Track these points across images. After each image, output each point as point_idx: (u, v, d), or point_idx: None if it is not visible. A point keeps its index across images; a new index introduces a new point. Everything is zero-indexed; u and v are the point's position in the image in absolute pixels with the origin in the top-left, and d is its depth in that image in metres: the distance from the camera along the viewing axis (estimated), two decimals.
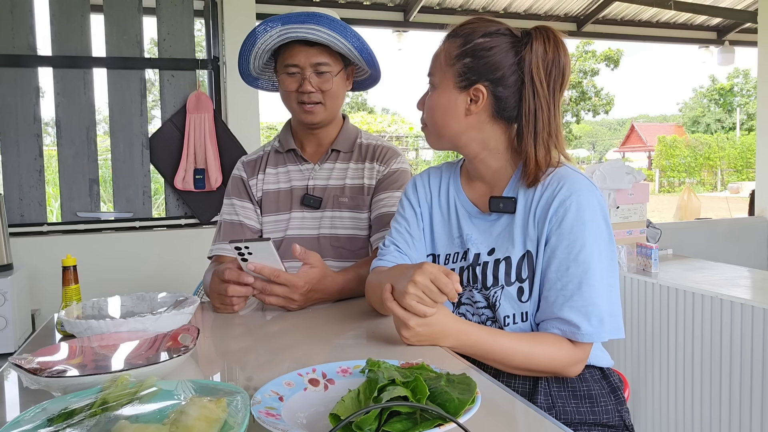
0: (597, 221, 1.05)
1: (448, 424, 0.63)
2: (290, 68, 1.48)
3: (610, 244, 1.07)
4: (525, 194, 1.11)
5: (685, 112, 36.94)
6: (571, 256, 1.04)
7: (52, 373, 0.79)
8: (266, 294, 1.28)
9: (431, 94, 1.15)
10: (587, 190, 1.06)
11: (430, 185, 1.26)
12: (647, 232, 2.69)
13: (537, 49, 1.06)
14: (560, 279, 1.04)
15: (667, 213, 11.31)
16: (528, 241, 1.09)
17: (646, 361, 2.41)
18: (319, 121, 1.54)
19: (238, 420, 0.63)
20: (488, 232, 1.15)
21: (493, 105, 1.10)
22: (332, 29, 1.43)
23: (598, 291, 1.03)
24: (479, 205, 1.18)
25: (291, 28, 1.43)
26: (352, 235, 1.56)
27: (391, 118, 20.88)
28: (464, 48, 1.09)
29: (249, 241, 1.24)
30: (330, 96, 1.51)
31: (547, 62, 1.06)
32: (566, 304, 1.03)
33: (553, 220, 1.06)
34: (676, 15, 5.23)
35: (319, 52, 1.47)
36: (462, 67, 1.09)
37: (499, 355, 1.03)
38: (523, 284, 1.08)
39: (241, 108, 3.26)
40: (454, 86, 1.11)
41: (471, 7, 4.75)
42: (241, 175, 1.64)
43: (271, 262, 1.26)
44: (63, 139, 3.06)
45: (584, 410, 1.09)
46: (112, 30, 3.09)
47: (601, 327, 1.02)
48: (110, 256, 3.01)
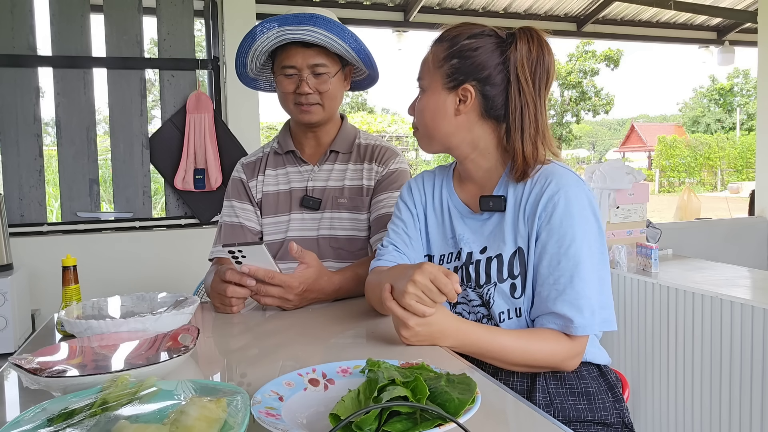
0: (586, 215, 1.06)
1: (448, 424, 0.63)
2: (287, 70, 1.47)
3: (600, 237, 1.08)
4: (514, 192, 1.12)
5: (685, 112, 36.95)
6: (561, 250, 1.05)
7: (52, 373, 0.79)
8: (261, 295, 1.29)
9: (421, 97, 1.17)
10: (575, 184, 1.08)
11: (425, 188, 1.28)
12: (647, 232, 2.69)
13: (521, 48, 1.08)
14: (552, 274, 1.05)
15: (667, 213, 11.31)
16: (519, 237, 1.10)
17: (646, 361, 2.41)
18: (317, 121, 1.54)
19: (238, 420, 0.63)
20: (480, 231, 1.16)
21: (481, 104, 1.12)
22: (329, 30, 1.42)
23: (589, 284, 1.04)
24: (471, 205, 1.20)
25: (288, 29, 1.42)
26: (352, 236, 1.56)
27: (391, 118, 20.89)
28: (451, 50, 1.12)
29: (242, 245, 1.24)
30: (328, 97, 1.51)
31: (531, 61, 1.09)
32: (559, 298, 1.04)
33: (542, 216, 1.07)
34: (676, 15, 5.23)
35: (316, 54, 1.46)
36: (449, 68, 1.12)
37: (498, 353, 1.04)
38: (515, 281, 1.10)
39: (241, 108, 3.26)
40: (442, 87, 1.13)
41: (471, 7, 4.74)
42: (241, 176, 1.64)
43: (265, 265, 1.27)
44: (63, 139, 3.06)
45: (582, 407, 1.09)
46: (112, 30, 3.09)
47: (593, 319, 1.03)
48: (110, 256, 3.01)
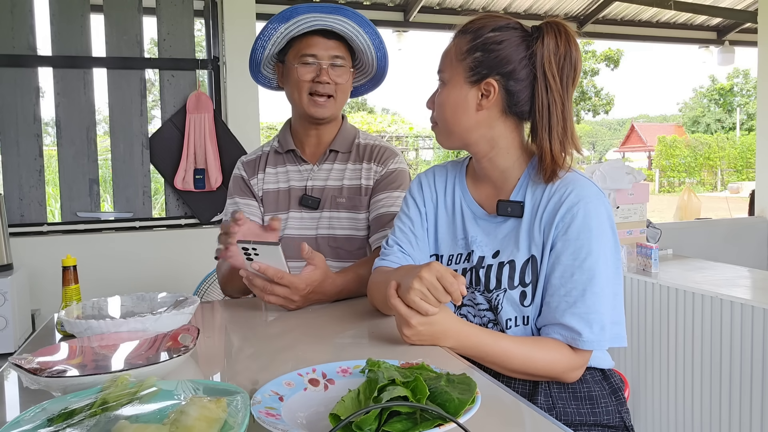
0: (604, 229, 1.05)
1: (448, 424, 0.63)
2: (307, 58, 1.48)
3: (615, 252, 1.06)
4: (533, 198, 1.10)
5: (685, 112, 36.93)
6: (576, 263, 1.03)
7: (52, 373, 0.79)
8: (267, 293, 1.28)
9: (441, 90, 1.14)
10: (595, 197, 1.06)
11: (436, 185, 1.24)
12: (647, 232, 2.69)
13: (549, 43, 1.05)
14: (564, 285, 1.04)
15: (667, 213, 11.30)
16: (533, 245, 1.08)
17: (646, 361, 2.41)
18: (328, 116, 1.53)
19: (238, 420, 0.63)
20: (493, 234, 1.14)
21: (504, 100, 1.09)
22: (357, 23, 1.46)
23: (602, 299, 1.02)
24: (485, 206, 1.17)
25: (318, 16, 1.44)
26: (350, 235, 1.56)
27: (391, 118, 20.84)
28: (474, 42, 1.08)
29: (257, 243, 1.22)
30: (342, 90, 1.52)
31: (559, 57, 1.05)
32: (569, 310, 1.02)
33: (559, 226, 1.05)
34: (676, 15, 5.23)
35: (336, 46, 1.49)
36: (473, 62, 1.08)
37: (499, 358, 1.03)
38: (526, 288, 1.08)
39: (241, 108, 3.26)
40: (464, 81, 1.10)
41: (471, 6, 4.74)
42: (242, 174, 1.64)
43: (277, 265, 1.25)
44: (63, 139, 3.06)
45: (585, 411, 1.09)
46: (112, 30, 3.09)
47: (603, 335, 1.02)
48: (110, 256, 3.01)
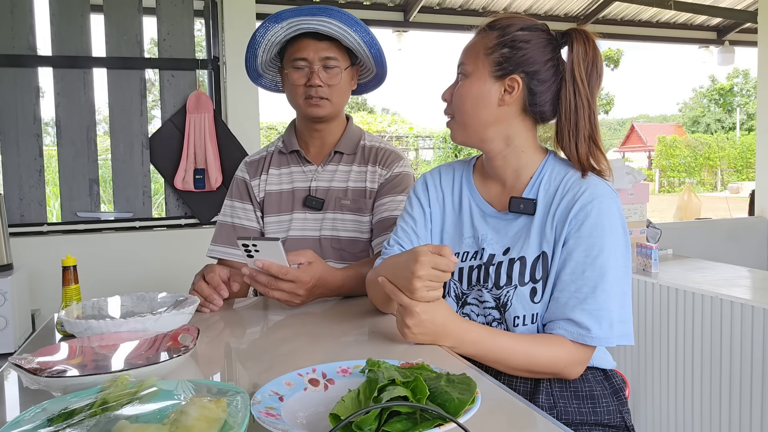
0: (616, 228, 1.06)
1: (448, 424, 0.63)
2: (298, 62, 1.47)
3: (626, 251, 1.08)
4: (546, 196, 1.11)
5: (685, 112, 36.92)
6: (588, 260, 1.04)
7: (52, 373, 0.79)
8: (272, 288, 1.26)
9: (462, 82, 1.14)
10: (608, 196, 1.07)
11: (442, 185, 1.25)
12: (647, 232, 2.69)
13: (578, 49, 1.08)
14: (575, 281, 1.05)
15: (667, 213, 11.30)
16: (544, 242, 1.09)
17: (646, 361, 2.41)
18: (325, 115, 1.52)
19: (238, 420, 0.63)
20: (504, 232, 1.14)
21: (525, 98, 1.11)
22: (343, 22, 1.43)
23: (612, 296, 1.03)
24: (494, 204, 1.17)
25: (303, 20, 1.43)
26: (354, 237, 1.55)
27: (391, 118, 20.82)
28: (502, 38, 1.10)
29: (258, 239, 1.23)
30: (337, 92, 1.50)
31: (587, 62, 1.08)
32: (579, 306, 1.03)
33: (572, 223, 1.06)
34: (676, 15, 5.23)
35: (328, 47, 1.47)
36: (500, 57, 1.10)
37: (499, 355, 1.03)
38: (536, 285, 1.09)
39: (241, 108, 3.26)
40: (489, 75, 1.11)
41: (471, 7, 4.74)
42: (244, 176, 1.63)
43: (278, 261, 1.25)
44: (63, 139, 3.06)
45: (586, 411, 1.09)
46: (112, 30, 3.09)
47: (611, 331, 1.03)
48: (110, 256, 3.01)
